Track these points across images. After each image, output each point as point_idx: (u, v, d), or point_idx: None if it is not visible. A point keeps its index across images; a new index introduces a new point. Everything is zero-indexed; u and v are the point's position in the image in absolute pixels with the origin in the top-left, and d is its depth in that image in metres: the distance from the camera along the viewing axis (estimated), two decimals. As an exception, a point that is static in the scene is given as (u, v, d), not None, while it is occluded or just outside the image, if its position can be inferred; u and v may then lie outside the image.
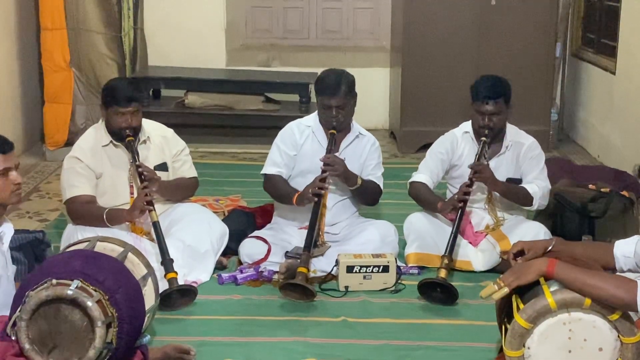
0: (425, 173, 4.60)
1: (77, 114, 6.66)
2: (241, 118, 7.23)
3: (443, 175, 4.70)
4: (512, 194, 4.51)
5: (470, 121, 4.60)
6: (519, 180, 4.57)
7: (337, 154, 4.48)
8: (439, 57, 6.95)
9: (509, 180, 4.55)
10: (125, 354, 2.95)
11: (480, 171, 4.35)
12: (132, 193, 4.32)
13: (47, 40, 6.55)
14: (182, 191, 4.55)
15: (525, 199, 4.50)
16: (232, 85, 7.35)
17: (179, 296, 3.96)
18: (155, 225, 4.08)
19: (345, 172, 4.40)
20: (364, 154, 4.60)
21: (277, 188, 4.51)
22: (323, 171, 4.35)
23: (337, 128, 4.47)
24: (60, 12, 6.48)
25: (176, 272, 3.97)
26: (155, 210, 4.12)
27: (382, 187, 4.62)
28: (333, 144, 4.47)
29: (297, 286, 4.04)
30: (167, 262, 3.97)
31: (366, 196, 4.59)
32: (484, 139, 4.46)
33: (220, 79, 7.44)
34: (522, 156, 4.58)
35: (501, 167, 4.54)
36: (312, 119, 4.63)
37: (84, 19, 6.55)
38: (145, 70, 7.37)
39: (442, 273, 4.10)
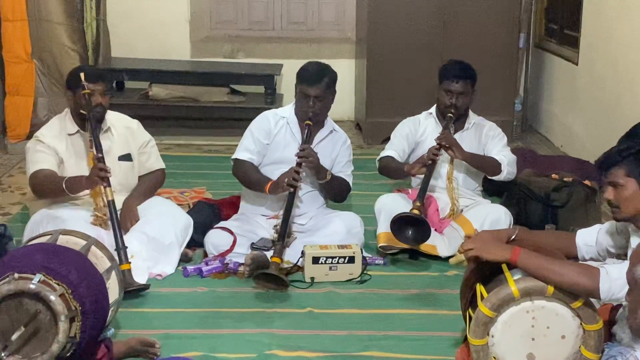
0: (392, 149, 4.72)
1: (39, 106, 6.58)
2: (206, 110, 7.20)
3: (409, 153, 4.76)
4: (479, 161, 4.61)
5: (434, 106, 4.76)
6: None
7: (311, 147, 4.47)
8: (404, 48, 6.96)
9: None
10: (89, 347, 2.93)
11: (445, 137, 4.45)
12: None
13: (7, 31, 6.45)
14: (152, 191, 4.55)
15: (493, 166, 4.60)
16: (196, 77, 7.30)
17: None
18: (110, 204, 4.05)
19: (318, 165, 4.40)
20: (335, 150, 4.61)
21: (248, 174, 4.47)
22: (298, 163, 4.34)
23: (312, 120, 4.44)
24: (21, 3, 6.40)
25: (129, 263, 3.95)
26: (110, 187, 4.07)
27: (351, 185, 4.64)
28: (308, 135, 4.44)
29: (271, 276, 4.04)
30: (120, 251, 3.94)
31: (334, 191, 4.59)
32: (449, 115, 4.60)
33: (184, 70, 7.39)
34: (485, 135, 4.74)
35: (464, 143, 4.62)
36: (287, 110, 4.60)
37: (45, 9, 6.47)
38: (109, 62, 7.29)
39: (415, 212, 4.17)
